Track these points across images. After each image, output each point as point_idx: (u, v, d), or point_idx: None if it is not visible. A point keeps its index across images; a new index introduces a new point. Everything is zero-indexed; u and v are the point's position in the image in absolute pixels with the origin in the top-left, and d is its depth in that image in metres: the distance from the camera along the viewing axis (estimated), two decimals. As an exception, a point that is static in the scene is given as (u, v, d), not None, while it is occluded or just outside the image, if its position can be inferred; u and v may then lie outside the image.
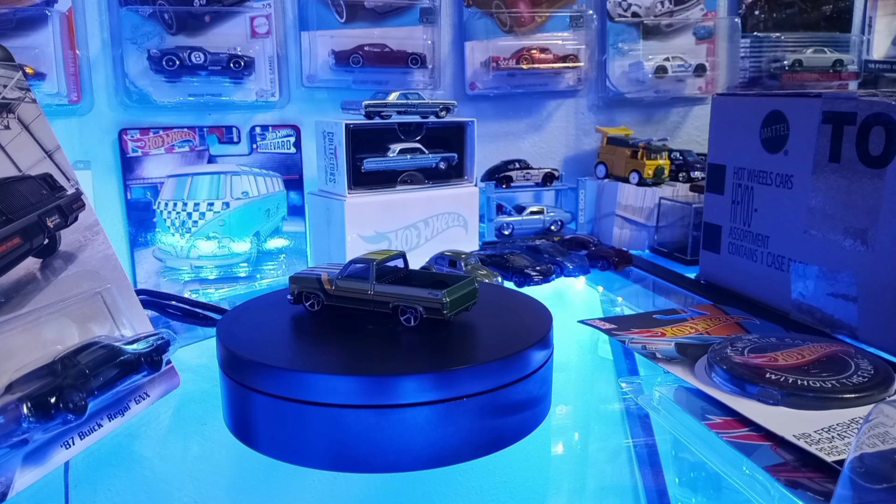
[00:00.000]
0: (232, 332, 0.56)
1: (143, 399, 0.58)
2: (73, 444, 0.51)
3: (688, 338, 0.69)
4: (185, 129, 1.06)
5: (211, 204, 1.07)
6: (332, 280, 0.59)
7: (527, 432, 0.53)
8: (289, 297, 0.61)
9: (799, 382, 0.55)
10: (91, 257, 0.59)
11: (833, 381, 0.55)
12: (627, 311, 0.89)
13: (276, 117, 1.12)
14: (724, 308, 0.80)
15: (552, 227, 1.19)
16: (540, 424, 0.54)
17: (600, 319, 0.75)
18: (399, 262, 0.61)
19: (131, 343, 0.57)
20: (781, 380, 0.55)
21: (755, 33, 1.33)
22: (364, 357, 0.52)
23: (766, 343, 0.63)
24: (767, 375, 0.56)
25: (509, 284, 0.89)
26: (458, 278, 0.58)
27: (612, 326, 0.73)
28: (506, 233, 1.16)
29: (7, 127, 0.57)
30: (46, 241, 0.56)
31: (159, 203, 1.06)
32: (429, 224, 1.01)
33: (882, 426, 0.36)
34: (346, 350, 0.54)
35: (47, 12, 0.97)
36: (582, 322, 0.75)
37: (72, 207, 0.59)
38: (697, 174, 1.18)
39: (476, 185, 1.06)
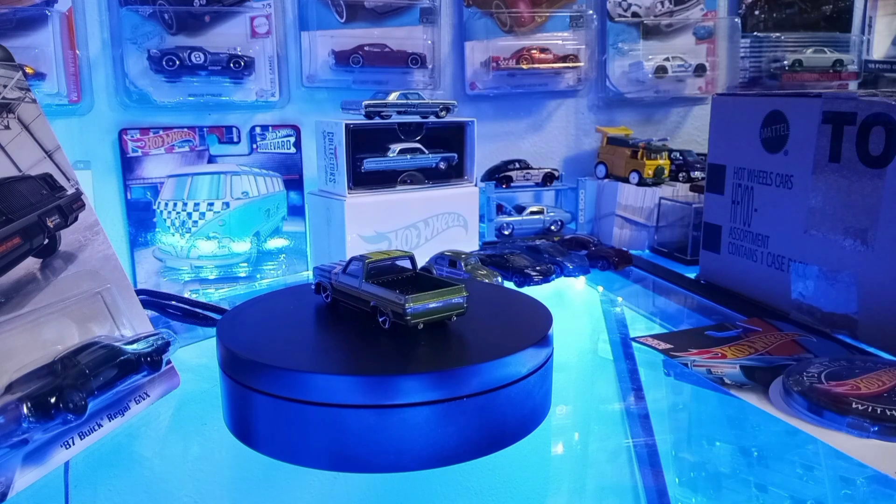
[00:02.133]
0: (232, 332, 0.56)
1: (143, 399, 0.58)
2: (73, 444, 0.51)
3: (751, 359, 0.67)
4: (185, 129, 1.06)
5: (211, 204, 1.07)
6: (337, 274, 0.60)
7: (527, 432, 0.53)
8: (312, 286, 0.64)
9: (889, 413, 0.53)
10: (91, 257, 0.59)
11: None
12: (628, 312, 0.89)
13: (276, 117, 1.12)
14: (774, 323, 0.78)
15: (552, 227, 1.19)
16: (540, 424, 0.54)
17: (652, 338, 0.74)
18: (406, 263, 0.61)
19: (131, 343, 0.57)
20: (870, 410, 0.53)
21: (755, 33, 1.33)
22: (364, 357, 0.52)
23: (840, 368, 0.61)
24: (855, 405, 0.54)
25: (509, 284, 0.89)
26: (444, 285, 0.56)
27: (669, 346, 0.71)
28: (506, 233, 1.16)
29: (7, 127, 0.57)
30: (46, 241, 0.56)
31: (159, 203, 1.06)
32: (429, 224, 1.01)
33: None
34: (346, 350, 0.54)
35: (47, 12, 0.97)
36: (635, 340, 0.74)
37: (72, 207, 0.59)
38: (697, 174, 1.18)
39: (476, 185, 1.06)
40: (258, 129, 1.09)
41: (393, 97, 0.98)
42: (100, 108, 1.04)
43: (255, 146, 1.09)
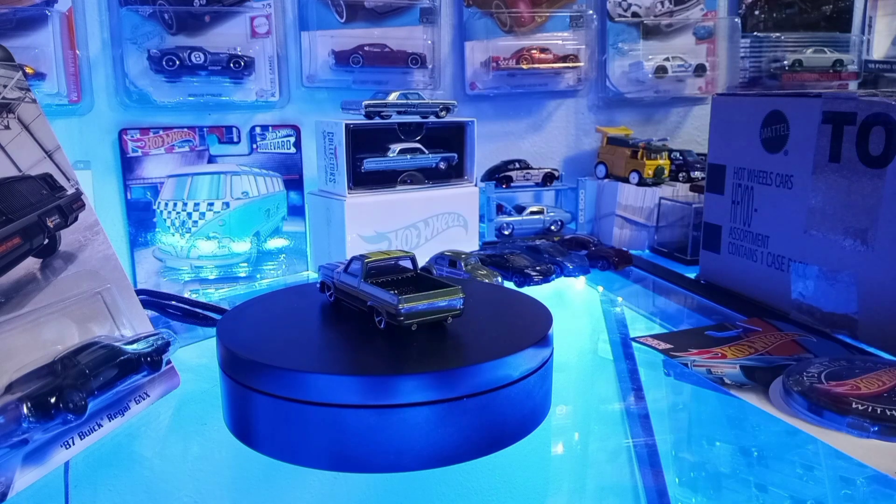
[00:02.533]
0: (232, 332, 0.56)
1: (143, 399, 0.58)
2: (73, 444, 0.51)
3: (751, 359, 0.67)
4: (185, 129, 1.06)
5: (211, 204, 1.07)
6: (339, 273, 0.60)
7: (527, 432, 0.53)
8: (317, 284, 0.64)
9: (889, 413, 0.53)
10: (91, 257, 0.59)
11: None
12: (628, 312, 0.89)
13: (276, 117, 1.12)
14: (774, 323, 0.78)
15: (552, 227, 1.19)
16: (540, 424, 0.54)
17: (652, 338, 0.74)
18: (407, 263, 0.61)
19: (131, 343, 0.57)
20: (870, 410, 0.53)
21: (755, 33, 1.33)
22: (364, 357, 0.52)
23: (840, 368, 0.61)
24: (854, 405, 0.54)
25: (509, 284, 0.89)
26: (442, 286, 0.55)
27: (669, 346, 0.71)
28: (506, 233, 1.16)
29: (7, 127, 0.57)
30: (46, 241, 0.56)
31: (159, 203, 1.06)
32: (429, 224, 1.01)
33: None
34: (346, 350, 0.54)
35: (47, 12, 0.97)
36: (635, 340, 0.74)
37: (72, 207, 0.59)
38: (697, 174, 1.18)
39: (476, 185, 1.06)
40: (258, 129, 1.09)
41: (393, 97, 0.98)
42: (100, 108, 1.04)
43: (255, 146, 1.09)
